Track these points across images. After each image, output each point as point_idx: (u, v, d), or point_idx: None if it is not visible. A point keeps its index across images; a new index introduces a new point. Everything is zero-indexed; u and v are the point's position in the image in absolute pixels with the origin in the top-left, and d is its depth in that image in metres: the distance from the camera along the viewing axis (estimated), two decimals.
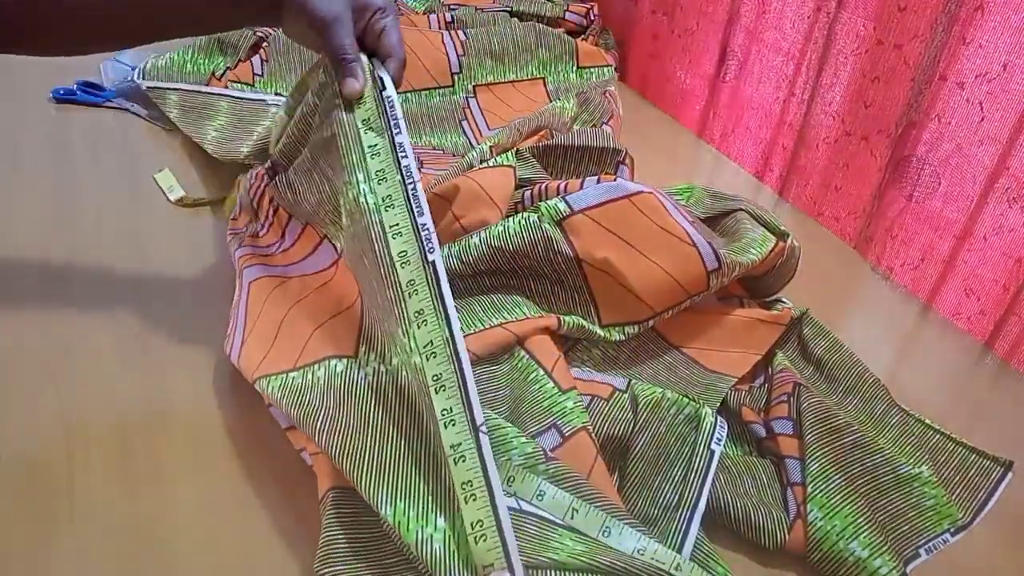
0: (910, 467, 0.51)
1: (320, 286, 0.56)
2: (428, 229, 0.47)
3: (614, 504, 0.45)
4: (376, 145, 0.50)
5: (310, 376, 0.49)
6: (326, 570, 0.41)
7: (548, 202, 0.59)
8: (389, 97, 0.51)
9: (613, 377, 0.56)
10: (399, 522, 0.41)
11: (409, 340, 0.44)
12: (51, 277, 0.62)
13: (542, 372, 0.52)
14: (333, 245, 0.57)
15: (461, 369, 0.43)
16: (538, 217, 0.59)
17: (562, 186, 0.63)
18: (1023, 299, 0.64)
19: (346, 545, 0.42)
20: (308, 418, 0.46)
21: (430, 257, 0.46)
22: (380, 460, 0.43)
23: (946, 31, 0.65)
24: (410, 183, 0.48)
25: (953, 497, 0.52)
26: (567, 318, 0.57)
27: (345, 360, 0.49)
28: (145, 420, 0.51)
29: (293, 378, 0.49)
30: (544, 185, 0.65)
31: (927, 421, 0.57)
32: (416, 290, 0.45)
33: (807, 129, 0.83)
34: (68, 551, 0.43)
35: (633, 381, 0.55)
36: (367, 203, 0.48)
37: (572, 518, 0.43)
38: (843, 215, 0.81)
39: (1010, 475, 0.53)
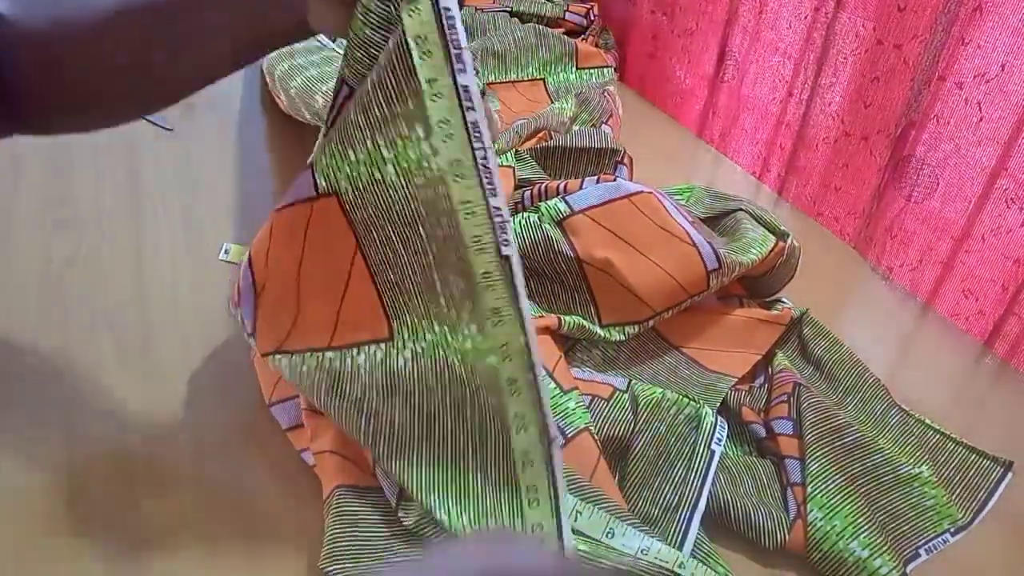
0: (910, 467, 0.51)
1: (307, 227, 0.47)
2: (502, 215, 0.39)
3: (617, 505, 0.45)
4: (436, 82, 0.37)
5: (349, 361, 0.45)
6: (333, 567, 0.41)
7: (548, 202, 0.59)
8: (448, 10, 0.38)
9: (613, 377, 0.56)
10: (455, 528, 0.40)
11: (484, 338, 0.40)
12: (51, 277, 0.62)
13: (543, 372, 0.52)
14: (314, 179, 0.44)
15: (536, 378, 0.40)
16: (538, 217, 0.59)
17: (562, 186, 0.63)
18: (1022, 299, 0.64)
19: (352, 542, 0.42)
20: (349, 412, 0.44)
21: (504, 251, 0.39)
22: (431, 463, 0.42)
23: (945, 31, 0.65)
24: (479, 148, 0.38)
25: (953, 497, 0.52)
26: (567, 318, 0.57)
27: (384, 346, 0.45)
28: (145, 421, 0.51)
29: (331, 360, 0.45)
30: (544, 185, 0.65)
31: (927, 421, 0.57)
32: (492, 285, 0.39)
33: (806, 129, 0.83)
34: (67, 553, 0.43)
35: (633, 381, 0.55)
36: (433, 168, 0.39)
37: (576, 520, 0.43)
38: (842, 215, 0.81)
39: (1010, 475, 0.54)
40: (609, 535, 0.43)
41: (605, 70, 1.04)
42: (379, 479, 0.45)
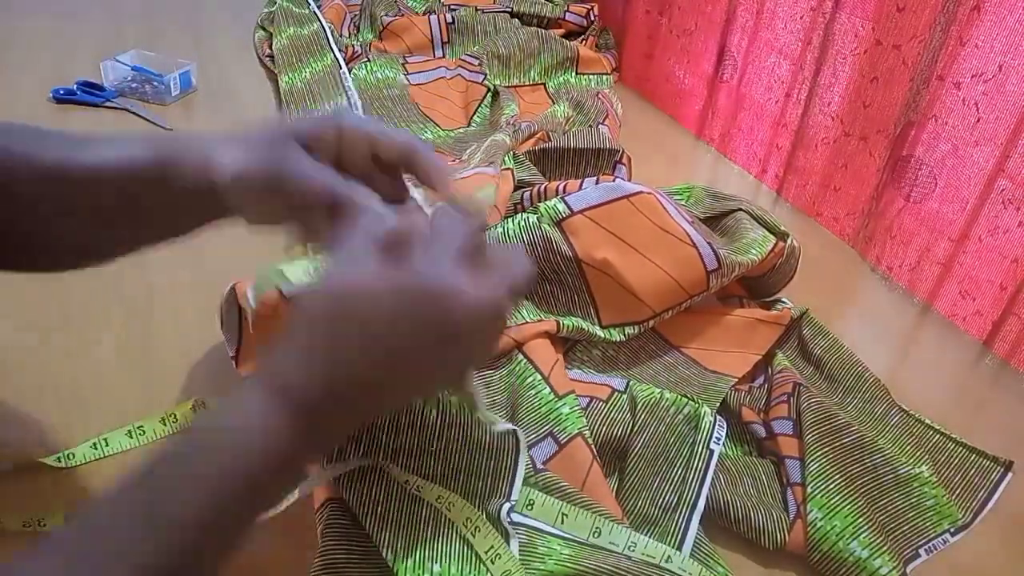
0: (910, 467, 0.51)
1: None
2: None
3: (607, 510, 0.45)
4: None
5: None
6: None
7: (547, 203, 0.59)
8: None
9: (612, 378, 0.56)
10: (397, 570, 0.40)
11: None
12: (50, 277, 0.62)
13: (539, 377, 0.52)
14: None
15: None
16: (537, 218, 0.59)
17: (561, 187, 0.63)
18: (1021, 299, 0.64)
19: (344, 556, 0.42)
20: None
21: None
22: (384, 504, 0.43)
23: (944, 31, 0.66)
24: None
25: (953, 497, 0.52)
26: (566, 321, 0.57)
27: None
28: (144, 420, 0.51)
29: None
30: (543, 186, 0.65)
31: (927, 421, 0.57)
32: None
33: (806, 129, 0.83)
34: None
35: (632, 382, 0.55)
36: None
37: (562, 523, 0.43)
38: (842, 215, 0.81)
39: (1010, 475, 0.54)
40: (595, 534, 0.43)
41: (604, 77, 1.05)
42: None
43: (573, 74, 1.04)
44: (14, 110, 0.85)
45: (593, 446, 0.49)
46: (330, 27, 1.02)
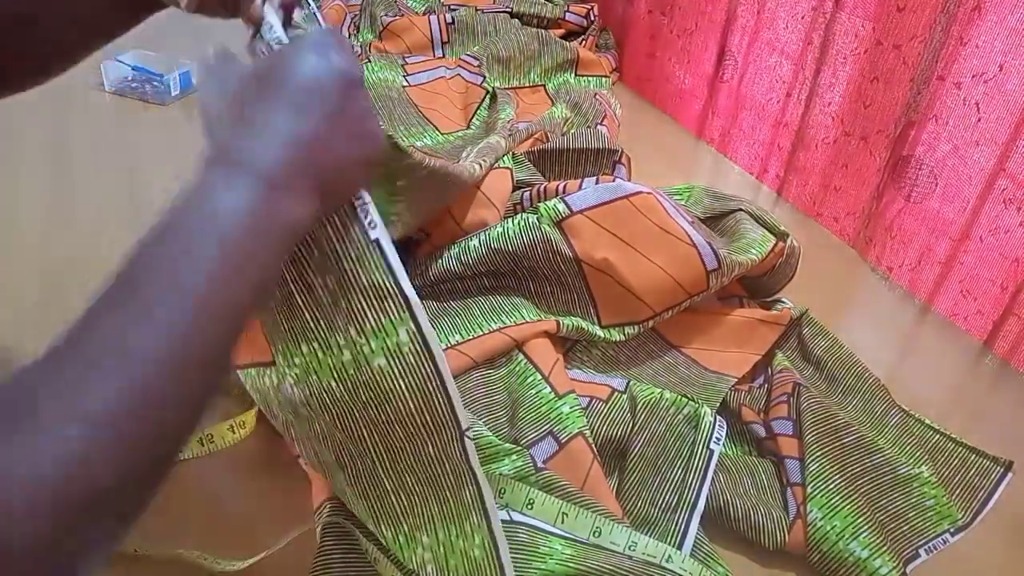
0: (910, 467, 0.51)
1: None
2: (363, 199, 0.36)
3: (606, 508, 0.45)
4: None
5: (265, 379, 0.42)
6: None
7: (547, 203, 0.59)
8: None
9: (612, 378, 0.56)
10: (391, 547, 0.40)
11: (365, 337, 0.36)
12: (50, 277, 0.62)
13: (539, 377, 0.52)
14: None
15: (435, 360, 0.36)
16: (537, 218, 0.59)
17: (561, 187, 0.63)
18: (1021, 299, 0.64)
19: (341, 555, 0.42)
20: (283, 428, 0.44)
21: (372, 234, 0.35)
22: (355, 482, 0.41)
23: (944, 31, 0.65)
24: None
25: (953, 497, 0.52)
26: (566, 321, 0.57)
27: (271, 371, 0.42)
28: None
29: (252, 375, 0.43)
30: (543, 186, 0.65)
31: (927, 421, 0.57)
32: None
33: (806, 129, 0.83)
34: None
35: (632, 382, 0.55)
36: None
37: (563, 522, 0.43)
38: (842, 215, 0.81)
39: (1010, 475, 0.53)
40: (596, 534, 0.43)
41: (603, 79, 1.05)
42: None
43: (572, 75, 1.04)
44: (15, 111, 0.85)
45: (593, 445, 0.49)
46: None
